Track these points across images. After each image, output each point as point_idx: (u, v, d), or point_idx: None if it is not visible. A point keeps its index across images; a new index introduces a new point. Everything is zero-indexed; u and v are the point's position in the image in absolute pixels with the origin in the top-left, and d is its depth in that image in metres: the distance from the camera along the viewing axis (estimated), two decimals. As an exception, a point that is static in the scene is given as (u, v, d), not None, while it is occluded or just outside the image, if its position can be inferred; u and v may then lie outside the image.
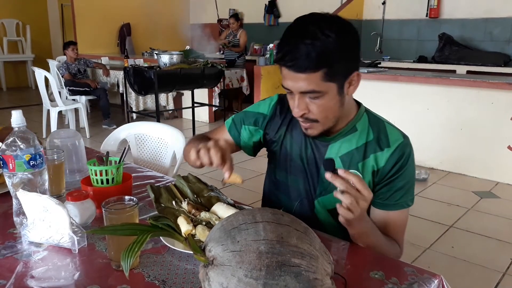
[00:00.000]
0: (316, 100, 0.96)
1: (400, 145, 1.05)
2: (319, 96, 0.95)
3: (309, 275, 0.64)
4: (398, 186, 1.06)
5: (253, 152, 1.26)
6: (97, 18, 7.31)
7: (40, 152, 1.03)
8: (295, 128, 1.15)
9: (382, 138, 1.06)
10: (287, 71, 0.94)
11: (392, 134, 1.07)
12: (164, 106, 5.65)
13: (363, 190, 0.86)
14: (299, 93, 0.96)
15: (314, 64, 0.91)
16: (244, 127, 1.22)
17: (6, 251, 0.95)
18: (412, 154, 1.07)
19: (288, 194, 1.19)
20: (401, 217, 1.09)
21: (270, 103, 1.20)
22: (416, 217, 2.85)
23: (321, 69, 0.91)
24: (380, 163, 1.05)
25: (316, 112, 0.98)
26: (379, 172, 1.06)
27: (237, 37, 6.22)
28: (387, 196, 1.07)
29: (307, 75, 0.92)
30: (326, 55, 0.91)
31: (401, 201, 1.07)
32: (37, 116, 5.46)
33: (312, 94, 0.95)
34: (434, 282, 0.85)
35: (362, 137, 1.07)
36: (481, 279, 2.17)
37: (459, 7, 5.41)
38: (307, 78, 0.92)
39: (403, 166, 1.05)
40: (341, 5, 6.13)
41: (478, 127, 3.58)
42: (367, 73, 4.02)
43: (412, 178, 1.09)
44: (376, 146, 1.06)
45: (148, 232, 0.74)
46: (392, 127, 1.09)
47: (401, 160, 1.04)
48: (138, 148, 1.92)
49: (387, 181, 1.06)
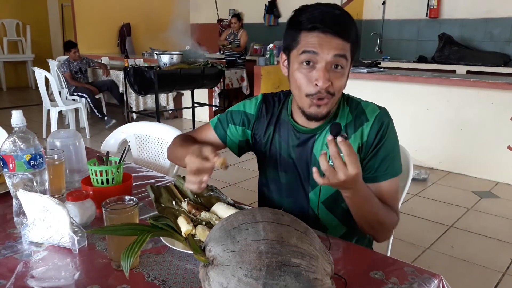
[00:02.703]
0: (339, 72, 0.99)
1: (378, 116, 1.08)
2: (343, 67, 0.99)
3: (309, 275, 0.64)
4: (383, 155, 1.08)
5: (238, 151, 1.26)
6: (97, 18, 7.31)
7: (40, 152, 1.03)
8: (283, 127, 1.16)
9: (360, 116, 1.09)
10: (319, 35, 0.96)
11: (368, 108, 1.10)
12: (164, 106, 5.65)
13: (348, 164, 0.86)
14: (327, 60, 0.97)
15: (349, 31, 0.97)
16: (230, 126, 1.22)
17: (6, 251, 0.95)
18: (391, 123, 1.10)
19: (281, 192, 1.20)
20: (392, 186, 1.10)
21: (256, 102, 1.20)
22: (416, 217, 2.85)
23: (351, 40, 0.98)
24: (364, 138, 1.08)
25: (337, 85, 1.00)
26: (363, 147, 1.09)
27: (238, 37, 6.22)
28: (375, 168, 1.08)
29: (342, 40, 0.96)
30: (354, 29, 0.99)
31: (389, 170, 1.09)
32: (37, 116, 5.46)
33: (341, 60, 0.98)
34: (434, 282, 0.85)
35: (342, 121, 1.10)
36: (481, 279, 2.17)
37: (459, 7, 5.41)
38: (342, 44, 0.97)
39: (384, 135, 1.08)
40: (341, 5, 6.13)
41: (478, 127, 3.58)
42: (367, 73, 4.02)
43: (396, 146, 1.11)
44: (355, 125, 1.09)
45: (148, 232, 0.74)
46: (367, 103, 1.12)
47: (381, 130, 1.07)
48: (138, 148, 1.92)
49: (372, 153, 1.08)
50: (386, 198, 1.09)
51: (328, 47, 0.96)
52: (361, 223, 1.06)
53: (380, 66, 4.71)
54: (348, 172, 0.86)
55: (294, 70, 1.02)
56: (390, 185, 1.10)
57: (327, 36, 0.96)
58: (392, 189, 1.10)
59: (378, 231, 1.09)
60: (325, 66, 0.97)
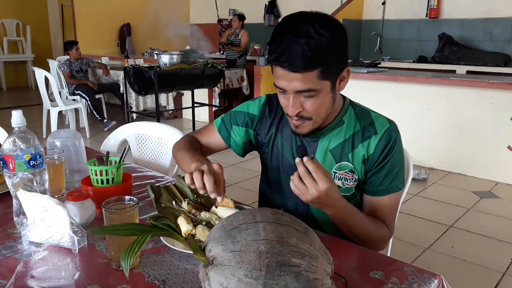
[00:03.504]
0: (311, 98, 0.97)
1: (387, 130, 1.08)
2: (314, 95, 0.96)
3: (309, 275, 0.64)
4: (388, 171, 1.08)
5: (242, 152, 1.27)
6: (97, 18, 7.31)
7: (40, 152, 1.03)
8: (285, 127, 1.16)
9: (369, 127, 1.09)
10: (282, 70, 0.94)
11: (378, 121, 1.10)
12: (164, 106, 5.65)
13: (318, 180, 0.89)
14: (294, 92, 0.96)
15: (311, 63, 0.91)
16: (234, 127, 1.23)
17: (6, 251, 0.94)
18: (399, 138, 1.10)
19: (282, 193, 1.20)
20: (391, 201, 1.11)
21: (259, 103, 1.21)
22: (416, 217, 2.85)
23: (317, 68, 0.92)
24: (370, 150, 1.08)
25: (311, 110, 0.99)
26: (369, 159, 1.09)
27: (239, 37, 6.21)
28: (378, 182, 1.09)
29: (303, 74, 0.92)
30: (322, 54, 0.91)
31: (391, 185, 1.09)
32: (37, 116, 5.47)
33: (307, 93, 0.96)
34: (434, 282, 0.85)
35: (350, 129, 1.10)
36: (481, 279, 2.17)
37: (459, 7, 5.41)
38: (303, 77, 0.93)
39: (391, 151, 1.07)
40: (341, 5, 6.13)
41: (478, 127, 3.58)
42: (367, 73, 4.01)
43: (401, 161, 1.11)
44: (363, 135, 1.09)
45: (148, 232, 0.74)
46: (377, 115, 1.12)
47: (389, 145, 1.07)
48: (138, 148, 1.92)
49: (377, 167, 1.08)
50: (383, 212, 1.10)
51: (290, 83, 0.95)
52: (349, 236, 1.07)
53: (380, 66, 4.71)
54: (319, 187, 0.89)
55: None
56: (389, 200, 1.10)
57: (287, 73, 0.93)
58: (391, 204, 1.11)
59: (368, 244, 1.09)
60: (292, 96, 0.97)
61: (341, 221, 1.03)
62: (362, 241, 1.07)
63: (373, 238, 1.07)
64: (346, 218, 1.02)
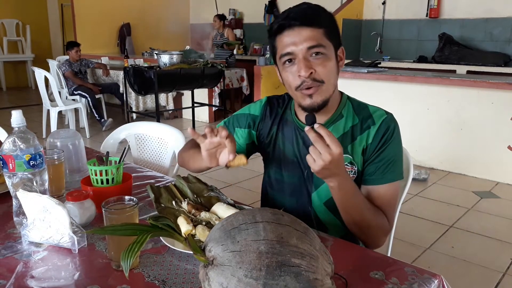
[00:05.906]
0: (320, 59, 1.01)
1: (385, 120, 1.10)
2: (323, 53, 1.01)
3: (309, 275, 0.64)
4: (385, 160, 1.08)
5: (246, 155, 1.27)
6: (97, 18, 7.31)
7: (40, 152, 1.03)
8: (286, 126, 1.18)
9: (367, 119, 1.11)
10: (291, 31, 1.00)
11: (376, 113, 1.12)
12: (164, 106, 5.65)
13: (330, 144, 0.89)
14: (304, 53, 1.00)
15: (317, 19, 1.00)
16: (237, 130, 1.24)
17: (6, 251, 0.94)
18: (397, 129, 1.11)
19: (284, 192, 1.21)
20: (389, 191, 1.10)
21: (260, 104, 1.24)
22: (416, 217, 2.85)
23: (322, 26, 1.00)
24: (368, 140, 1.10)
25: (322, 72, 1.02)
26: (367, 149, 1.10)
27: (225, 36, 6.23)
28: (375, 171, 1.09)
29: (312, 29, 0.99)
30: (325, 16, 1.03)
31: (388, 174, 1.09)
32: (37, 116, 5.46)
33: (317, 49, 1.00)
34: (434, 282, 0.85)
35: (348, 122, 1.12)
36: (481, 279, 2.17)
37: (459, 7, 5.41)
38: (312, 32, 0.99)
39: (389, 139, 1.09)
40: (341, 5, 6.13)
41: (478, 127, 3.58)
42: (367, 73, 4.02)
43: (399, 152, 1.11)
44: (362, 127, 1.11)
45: (148, 232, 0.74)
46: (375, 108, 1.14)
47: (387, 134, 1.09)
48: (138, 148, 1.92)
49: (374, 156, 1.09)
50: (381, 202, 1.09)
51: (300, 40, 1.00)
52: (348, 220, 1.06)
53: (380, 66, 4.71)
54: (331, 151, 0.89)
55: (282, 72, 1.07)
56: (387, 190, 1.09)
57: (295, 30, 1.00)
58: (389, 194, 1.10)
59: (367, 234, 1.08)
60: (303, 58, 1.00)
61: (343, 198, 1.01)
62: (360, 228, 1.06)
63: (372, 226, 1.05)
64: (348, 194, 1.00)
